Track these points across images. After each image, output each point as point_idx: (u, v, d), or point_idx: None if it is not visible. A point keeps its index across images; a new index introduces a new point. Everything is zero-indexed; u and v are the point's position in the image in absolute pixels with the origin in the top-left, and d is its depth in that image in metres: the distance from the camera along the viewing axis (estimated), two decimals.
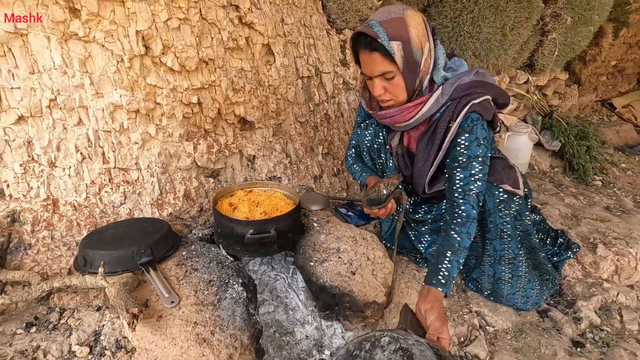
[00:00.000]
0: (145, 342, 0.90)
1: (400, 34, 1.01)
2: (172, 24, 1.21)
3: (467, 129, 1.08)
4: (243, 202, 1.29)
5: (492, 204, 1.14)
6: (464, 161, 1.08)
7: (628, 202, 2.12)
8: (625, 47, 3.61)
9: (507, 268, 1.23)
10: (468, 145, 1.08)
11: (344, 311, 1.11)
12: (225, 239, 1.20)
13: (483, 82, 1.12)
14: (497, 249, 1.21)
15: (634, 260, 1.52)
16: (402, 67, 1.03)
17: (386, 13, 1.04)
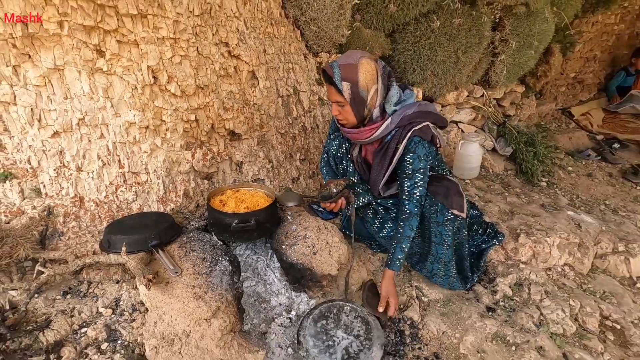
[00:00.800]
0: (156, 301, 1.24)
1: (351, 77, 1.34)
2: (175, 60, 1.54)
3: (411, 149, 1.43)
4: (231, 199, 1.63)
5: (441, 219, 1.49)
6: (409, 173, 1.44)
7: (563, 201, 2.48)
8: (582, 61, 3.99)
9: (442, 268, 1.58)
10: (412, 162, 1.44)
11: (307, 282, 1.45)
12: (217, 227, 1.54)
13: (424, 112, 1.46)
14: (438, 252, 1.56)
15: (548, 247, 1.88)
16: (349, 101, 1.37)
17: (346, 58, 1.37)
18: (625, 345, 1.54)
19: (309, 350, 1.21)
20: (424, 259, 1.63)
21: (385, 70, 1.41)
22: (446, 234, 1.51)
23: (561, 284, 1.80)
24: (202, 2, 1.56)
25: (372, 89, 1.37)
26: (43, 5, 1.28)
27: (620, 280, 1.96)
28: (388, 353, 1.36)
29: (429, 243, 1.58)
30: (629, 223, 2.28)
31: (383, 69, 1.40)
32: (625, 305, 1.73)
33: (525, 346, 1.42)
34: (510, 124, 2.84)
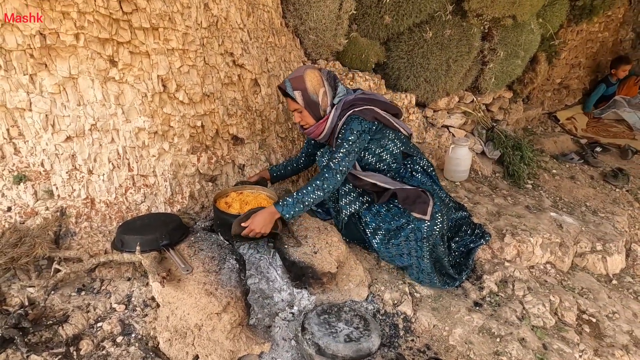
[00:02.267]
0: (169, 297, 1.33)
1: (300, 86, 1.61)
2: (184, 70, 1.62)
3: (346, 124, 1.63)
4: (236, 201, 1.72)
5: (419, 235, 1.65)
6: (339, 142, 1.62)
7: (547, 202, 2.63)
8: (568, 67, 4.16)
9: (426, 277, 1.70)
10: (344, 133, 1.62)
11: (308, 279, 1.56)
12: (222, 228, 1.63)
13: (367, 99, 1.69)
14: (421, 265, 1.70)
15: (532, 246, 2.01)
16: (304, 106, 1.62)
17: (294, 73, 1.65)
18: (599, 337, 1.68)
19: (314, 333, 1.32)
20: (412, 268, 1.75)
21: (330, 74, 1.68)
22: (424, 249, 1.66)
23: (543, 281, 1.93)
24: (209, 15, 1.65)
25: (320, 92, 1.64)
26: (61, 19, 1.36)
27: (597, 277, 2.10)
28: (383, 344, 1.47)
29: (412, 257, 1.71)
30: (607, 224, 2.44)
31: (327, 74, 1.67)
32: (601, 301, 1.87)
33: (508, 337, 1.54)
34: (499, 128, 2.98)
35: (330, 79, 1.67)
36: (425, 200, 1.66)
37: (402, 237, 1.68)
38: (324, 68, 1.66)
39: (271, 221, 1.49)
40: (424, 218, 1.63)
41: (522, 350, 1.50)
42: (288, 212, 1.51)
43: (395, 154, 1.76)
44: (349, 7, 2.23)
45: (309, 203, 1.53)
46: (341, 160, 1.58)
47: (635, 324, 1.78)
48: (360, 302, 1.63)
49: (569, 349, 1.55)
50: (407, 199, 1.66)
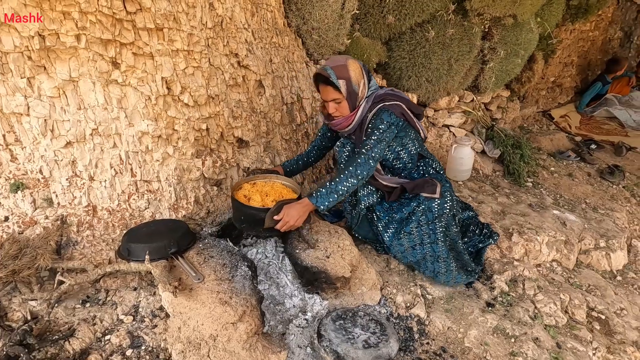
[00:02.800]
0: (180, 307, 1.28)
1: (344, 75, 1.55)
2: (188, 71, 1.57)
3: (377, 115, 1.61)
4: (255, 194, 1.65)
5: (431, 217, 1.66)
6: (369, 131, 1.61)
7: (548, 200, 2.65)
8: (561, 66, 4.22)
9: (443, 265, 1.68)
10: (374, 123, 1.61)
11: (321, 284, 1.52)
12: (248, 223, 1.56)
13: (396, 95, 1.67)
14: (435, 251, 1.68)
15: (539, 244, 2.02)
16: (346, 96, 1.56)
17: (334, 61, 1.59)
18: (610, 334, 1.69)
19: (331, 340, 1.29)
20: (425, 261, 1.73)
21: (365, 66, 1.66)
22: (438, 231, 1.65)
23: (550, 279, 1.94)
24: (214, 15, 1.60)
25: (361, 83, 1.61)
26: (62, 19, 1.30)
27: (602, 273, 2.12)
28: (399, 349, 1.45)
29: (425, 245, 1.69)
30: (607, 220, 2.46)
31: (363, 66, 1.65)
32: (608, 297, 1.88)
33: (523, 338, 1.54)
34: (498, 127, 2.99)
35: (366, 71, 1.65)
36: (433, 183, 1.69)
37: (413, 222, 1.67)
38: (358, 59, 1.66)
39: (305, 213, 1.50)
40: (433, 196, 1.65)
41: (537, 350, 1.50)
42: (322, 203, 1.50)
43: (413, 155, 1.75)
44: (351, 6, 2.21)
45: (343, 192, 1.51)
46: (373, 147, 1.56)
47: None
48: (373, 306, 1.60)
49: (583, 347, 1.55)
50: (415, 186, 1.70)
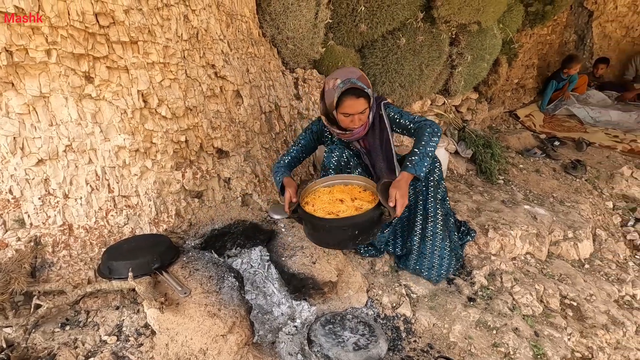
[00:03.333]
0: (167, 323, 1.26)
1: (368, 84, 1.61)
2: (165, 84, 1.56)
3: (390, 108, 1.72)
4: (345, 205, 1.48)
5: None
6: (399, 116, 1.69)
7: (519, 196, 2.78)
8: (523, 68, 4.46)
9: (430, 226, 1.75)
10: (394, 111, 1.71)
11: (308, 290, 1.54)
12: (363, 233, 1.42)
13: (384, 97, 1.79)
14: (427, 208, 1.75)
15: (513, 239, 2.12)
16: (371, 105, 1.62)
17: (353, 73, 1.60)
18: (582, 319, 1.79)
19: (322, 345, 1.30)
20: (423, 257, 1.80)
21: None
22: (432, 179, 1.74)
23: (526, 271, 2.04)
24: (190, 27, 1.60)
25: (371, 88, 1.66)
26: (30, 34, 1.26)
27: (572, 263, 2.25)
28: (389, 348, 1.48)
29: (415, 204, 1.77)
30: (573, 212, 2.62)
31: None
32: (579, 285, 2.00)
33: (503, 329, 1.61)
34: (469, 128, 3.12)
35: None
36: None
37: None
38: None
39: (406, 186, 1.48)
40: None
41: (517, 340, 1.57)
42: (420, 169, 1.49)
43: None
44: (324, 16, 2.26)
45: (432, 152, 1.54)
46: (416, 115, 1.69)
47: (610, 304, 1.92)
48: (360, 308, 1.63)
49: (558, 334, 1.64)
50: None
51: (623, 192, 3.27)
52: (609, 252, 2.45)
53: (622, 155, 3.69)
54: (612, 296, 1.99)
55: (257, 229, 1.82)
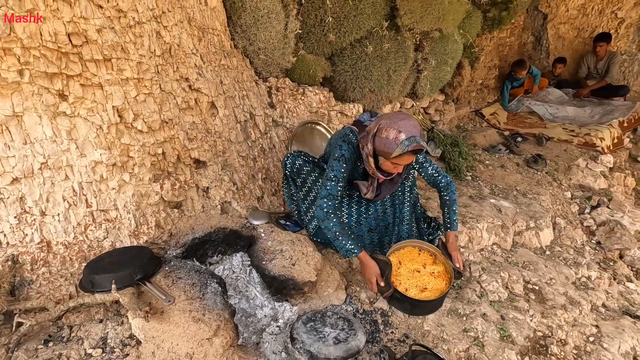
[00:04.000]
0: (153, 331, 1.30)
1: (422, 135, 1.55)
2: (140, 98, 1.60)
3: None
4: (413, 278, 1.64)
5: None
6: (422, 160, 1.80)
7: (486, 191, 2.96)
8: (486, 70, 4.71)
9: (406, 228, 1.86)
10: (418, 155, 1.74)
11: (289, 291, 1.61)
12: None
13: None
14: (402, 212, 1.84)
15: (480, 231, 2.27)
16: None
17: (415, 128, 1.51)
18: (543, 302, 1.95)
19: (304, 342, 1.37)
20: (390, 233, 1.91)
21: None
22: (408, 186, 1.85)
23: (492, 260, 2.19)
24: (162, 43, 1.65)
25: None
26: (2, 55, 1.28)
27: (534, 250, 2.43)
28: (367, 341, 1.57)
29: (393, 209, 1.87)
30: (535, 203, 2.81)
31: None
32: (540, 270, 2.17)
33: (472, 315, 1.74)
34: (437, 128, 3.28)
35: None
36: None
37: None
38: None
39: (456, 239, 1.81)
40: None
41: (485, 324, 1.70)
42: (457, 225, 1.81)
43: None
44: (294, 27, 2.35)
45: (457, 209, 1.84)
46: (440, 171, 1.84)
47: (568, 285, 2.09)
48: (340, 305, 1.71)
49: (522, 316, 1.78)
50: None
51: (580, 183, 3.53)
52: (568, 239, 2.66)
53: (578, 148, 3.97)
54: (570, 279, 2.17)
55: (238, 236, 1.87)
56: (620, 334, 1.84)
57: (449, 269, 1.66)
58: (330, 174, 1.63)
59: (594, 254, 2.70)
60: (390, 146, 1.50)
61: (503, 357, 1.57)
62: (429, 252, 1.75)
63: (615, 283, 2.39)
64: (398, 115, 1.54)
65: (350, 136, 1.68)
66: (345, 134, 1.69)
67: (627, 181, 3.98)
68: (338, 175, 1.63)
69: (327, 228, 1.60)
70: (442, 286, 1.56)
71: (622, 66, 5.22)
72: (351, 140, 1.68)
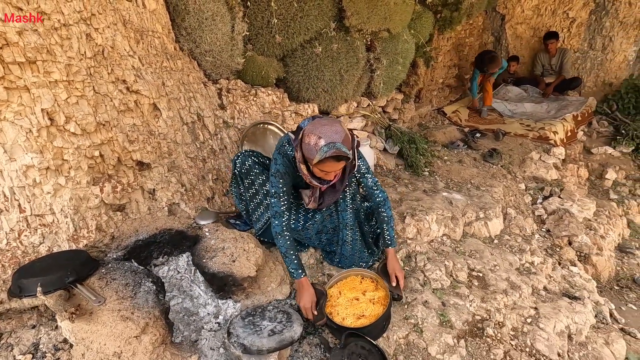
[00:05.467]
0: (82, 333, 1.29)
1: (349, 144, 1.53)
2: (72, 101, 1.59)
3: (358, 155, 1.75)
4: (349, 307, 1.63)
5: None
6: (364, 171, 1.81)
7: (440, 185, 3.04)
8: (446, 69, 4.85)
9: (350, 232, 1.89)
10: (363, 163, 1.81)
11: (230, 288, 1.62)
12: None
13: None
14: (345, 219, 1.87)
15: (428, 223, 2.34)
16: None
17: (337, 134, 1.48)
18: (485, 287, 2.02)
19: (239, 335, 1.39)
20: (344, 258, 1.94)
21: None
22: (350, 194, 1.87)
23: (440, 251, 2.25)
24: (94, 45, 1.65)
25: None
26: None
27: (483, 240, 2.51)
28: (309, 333, 1.60)
29: (337, 214, 1.89)
30: (487, 195, 2.91)
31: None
32: (485, 258, 2.25)
33: (414, 303, 1.79)
34: (394, 126, 3.37)
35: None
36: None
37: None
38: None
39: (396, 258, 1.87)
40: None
41: (425, 311, 1.75)
42: (395, 241, 1.86)
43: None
44: (241, 29, 2.38)
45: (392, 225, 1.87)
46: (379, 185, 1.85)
47: (511, 271, 2.18)
48: (284, 299, 1.74)
49: (462, 302, 1.85)
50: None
51: (533, 174, 3.67)
52: (517, 228, 2.76)
53: (532, 142, 4.13)
54: (514, 265, 2.26)
55: (183, 236, 1.88)
56: (557, 314, 1.92)
57: (388, 293, 1.66)
58: (272, 190, 1.67)
59: (542, 241, 2.81)
60: (312, 152, 1.49)
61: (440, 341, 1.62)
62: (371, 278, 1.76)
63: (559, 267, 2.50)
64: (321, 121, 1.54)
65: (287, 147, 1.67)
66: (282, 145, 1.68)
67: (580, 172, 4.17)
68: (278, 192, 1.66)
69: (278, 246, 1.67)
70: (379, 312, 1.56)
71: (575, 63, 5.47)
72: (287, 151, 1.68)
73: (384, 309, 1.57)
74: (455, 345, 1.61)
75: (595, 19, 5.31)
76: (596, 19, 5.31)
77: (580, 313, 1.97)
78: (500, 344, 1.68)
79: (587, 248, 2.86)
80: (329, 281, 1.73)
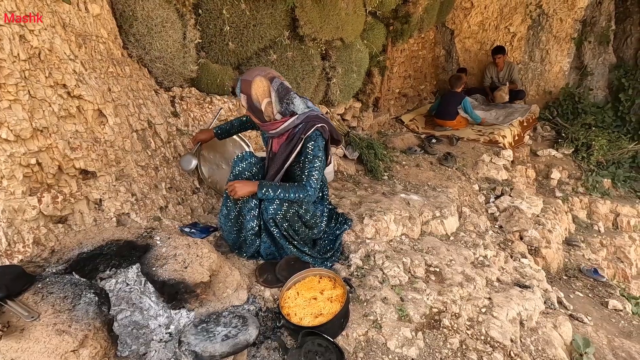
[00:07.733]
0: (12, 352, 1.17)
1: (246, 90, 1.70)
2: (4, 105, 1.50)
3: (312, 138, 1.76)
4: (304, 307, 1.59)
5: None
6: (310, 158, 1.76)
7: (399, 187, 3.13)
8: (402, 79, 5.07)
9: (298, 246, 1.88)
10: (313, 148, 1.76)
11: (183, 296, 1.55)
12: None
13: (326, 120, 1.83)
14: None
15: (386, 223, 2.38)
16: (247, 108, 1.77)
17: (247, 74, 1.71)
18: (442, 281, 2.08)
19: (190, 343, 1.32)
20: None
21: (282, 86, 1.75)
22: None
23: (399, 249, 2.30)
24: (29, 47, 1.57)
25: (264, 102, 1.72)
26: None
27: (440, 237, 2.59)
28: (267, 337, 1.55)
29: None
30: (442, 196, 3.03)
31: (279, 86, 1.73)
32: (442, 254, 2.32)
33: (373, 299, 1.80)
34: (353, 133, 3.44)
35: (282, 91, 1.73)
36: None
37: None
38: (276, 78, 1.73)
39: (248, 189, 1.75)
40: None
41: (384, 307, 1.76)
42: (265, 192, 1.74)
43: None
44: (193, 36, 2.36)
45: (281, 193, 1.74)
46: (318, 178, 1.78)
47: (466, 265, 2.26)
48: (241, 305, 1.68)
49: (420, 296, 1.88)
50: None
51: (485, 175, 3.87)
52: (472, 225, 2.88)
53: (484, 145, 4.38)
54: (469, 259, 2.35)
55: (133, 247, 1.78)
56: (509, 303, 2.01)
57: (346, 290, 1.66)
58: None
59: (495, 236, 2.95)
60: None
61: (399, 335, 1.63)
62: (329, 277, 1.73)
63: (511, 260, 2.62)
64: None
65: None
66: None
67: (528, 172, 4.46)
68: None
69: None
70: (337, 309, 1.56)
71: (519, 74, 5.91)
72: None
73: (341, 306, 1.57)
74: (413, 338, 1.63)
75: (533, 34, 5.80)
76: (534, 34, 5.79)
77: (530, 300, 2.07)
78: (456, 334, 1.72)
79: (537, 241, 3.03)
80: (287, 282, 1.70)
